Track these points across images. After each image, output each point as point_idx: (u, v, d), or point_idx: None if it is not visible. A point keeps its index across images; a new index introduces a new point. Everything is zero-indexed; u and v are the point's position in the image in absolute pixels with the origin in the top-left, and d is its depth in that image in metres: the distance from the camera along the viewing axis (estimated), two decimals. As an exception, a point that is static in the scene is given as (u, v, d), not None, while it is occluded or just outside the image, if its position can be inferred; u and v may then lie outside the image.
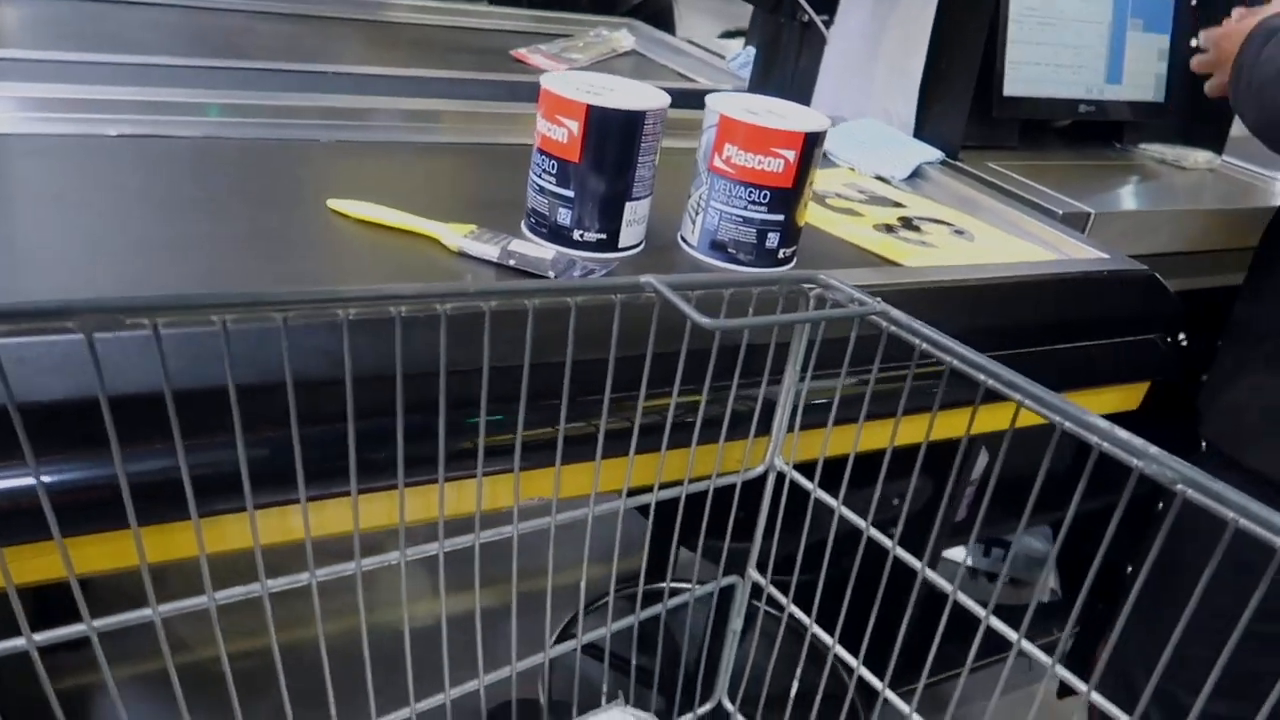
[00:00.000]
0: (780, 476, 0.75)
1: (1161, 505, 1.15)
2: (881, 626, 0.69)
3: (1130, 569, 1.37)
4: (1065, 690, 1.34)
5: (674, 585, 0.80)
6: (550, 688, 0.82)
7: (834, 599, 0.71)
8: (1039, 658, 0.60)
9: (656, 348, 0.64)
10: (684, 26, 2.75)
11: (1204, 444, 1.04)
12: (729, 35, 2.09)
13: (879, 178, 1.12)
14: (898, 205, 1.05)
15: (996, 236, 1.00)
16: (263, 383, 0.56)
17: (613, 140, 0.75)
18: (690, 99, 0.93)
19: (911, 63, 1.19)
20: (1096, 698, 0.57)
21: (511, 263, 0.73)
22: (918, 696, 0.69)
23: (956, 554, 1.68)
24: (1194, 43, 1.12)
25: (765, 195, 0.79)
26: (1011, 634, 0.61)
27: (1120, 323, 0.91)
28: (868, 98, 1.26)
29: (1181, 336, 1.42)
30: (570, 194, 0.77)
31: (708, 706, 0.84)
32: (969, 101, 1.16)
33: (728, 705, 0.83)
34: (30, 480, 0.52)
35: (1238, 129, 1.40)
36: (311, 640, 0.56)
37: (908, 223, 1.00)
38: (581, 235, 0.78)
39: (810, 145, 0.78)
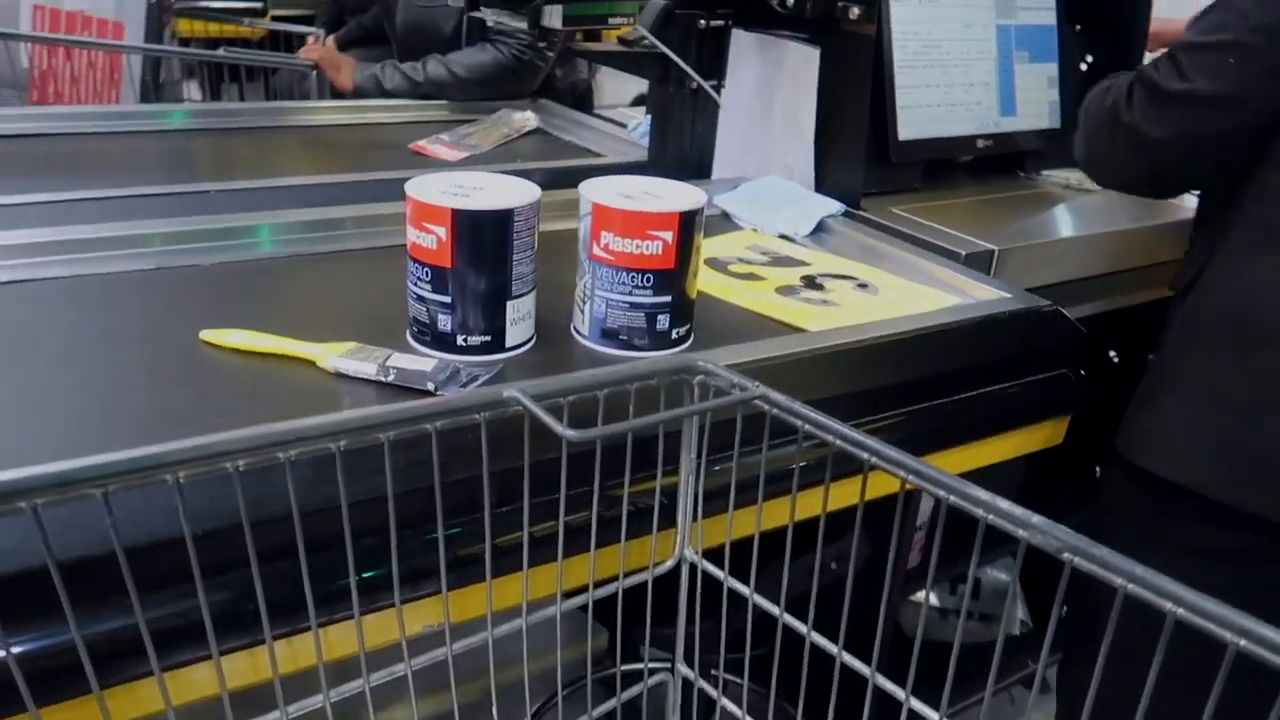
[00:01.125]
0: (693, 567, 0.72)
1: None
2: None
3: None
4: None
5: (615, 671, 0.77)
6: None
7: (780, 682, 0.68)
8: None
9: (549, 453, 0.62)
10: (610, 92, 2.78)
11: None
12: (640, 101, 2.10)
13: (783, 236, 1.12)
14: (801, 264, 1.04)
15: (900, 286, 0.99)
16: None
17: (484, 241, 0.74)
18: (594, 173, 0.91)
19: (803, 118, 1.19)
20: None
21: (391, 379, 0.71)
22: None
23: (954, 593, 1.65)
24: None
25: (649, 279, 0.78)
26: (932, 715, 0.59)
27: (1028, 361, 0.90)
28: (767, 155, 1.26)
29: (1111, 354, 1.42)
30: (448, 299, 0.75)
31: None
32: (863, 150, 1.16)
33: (673, 807, 0.79)
34: None
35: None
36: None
37: (810, 282, 0.99)
38: (465, 340, 0.76)
39: (687, 223, 0.77)
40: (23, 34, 1.54)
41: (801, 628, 0.65)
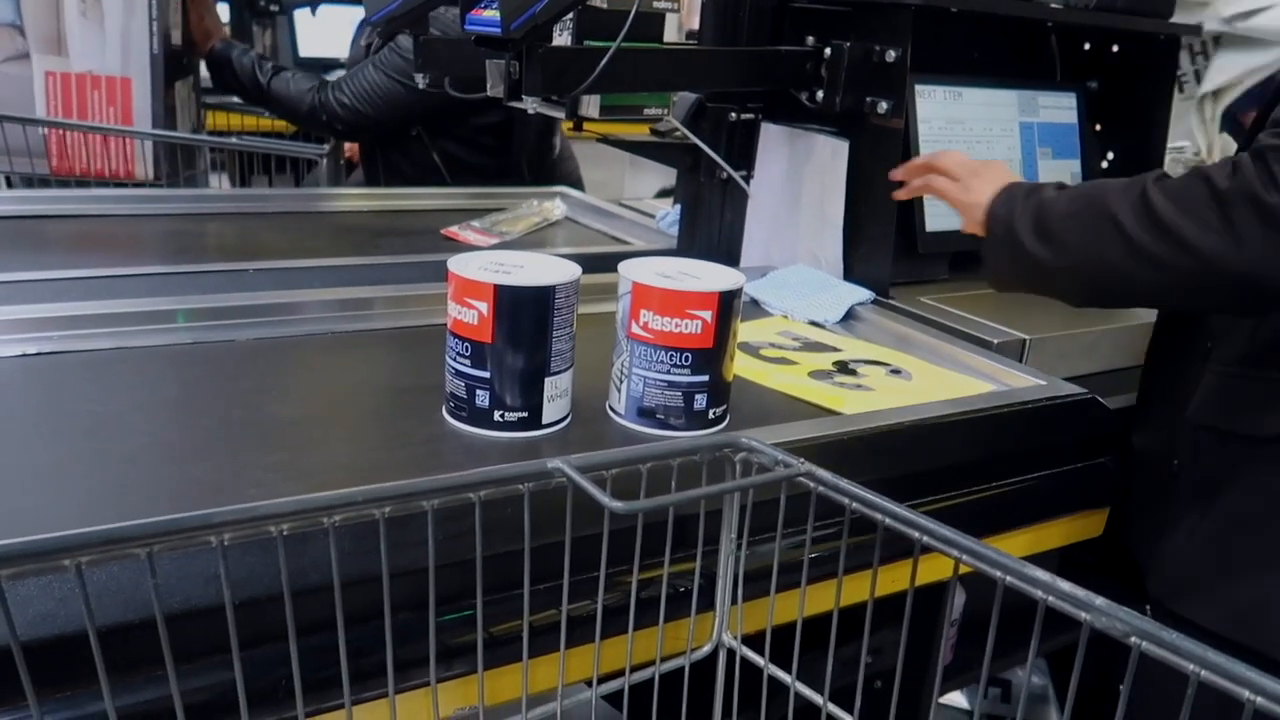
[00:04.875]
0: (731, 653, 0.70)
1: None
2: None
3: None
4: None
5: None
6: None
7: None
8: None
9: (587, 529, 0.61)
10: (632, 186, 2.85)
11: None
12: (664, 194, 2.14)
13: (813, 323, 1.12)
14: (833, 349, 1.04)
15: (933, 373, 0.98)
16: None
17: (525, 317, 0.74)
18: (625, 259, 0.92)
19: (831, 209, 1.21)
20: None
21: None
22: None
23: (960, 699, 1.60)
24: (893, 174, 1.09)
25: (687, 357, 0.78)
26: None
27: (1066, 450, 0.89)
28: (795, 244, 1.28)
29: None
30: (487, 375, 0.75)
31: None
32: (891, 241, 1.17)
33: None
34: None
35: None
36: None
37: (843, 367, 0.98)
38: (502, 416, 0.76)
39: (727, 303, 0.77)
40: (41, 119, 1.58)
41: (847, 718, 0.63)
